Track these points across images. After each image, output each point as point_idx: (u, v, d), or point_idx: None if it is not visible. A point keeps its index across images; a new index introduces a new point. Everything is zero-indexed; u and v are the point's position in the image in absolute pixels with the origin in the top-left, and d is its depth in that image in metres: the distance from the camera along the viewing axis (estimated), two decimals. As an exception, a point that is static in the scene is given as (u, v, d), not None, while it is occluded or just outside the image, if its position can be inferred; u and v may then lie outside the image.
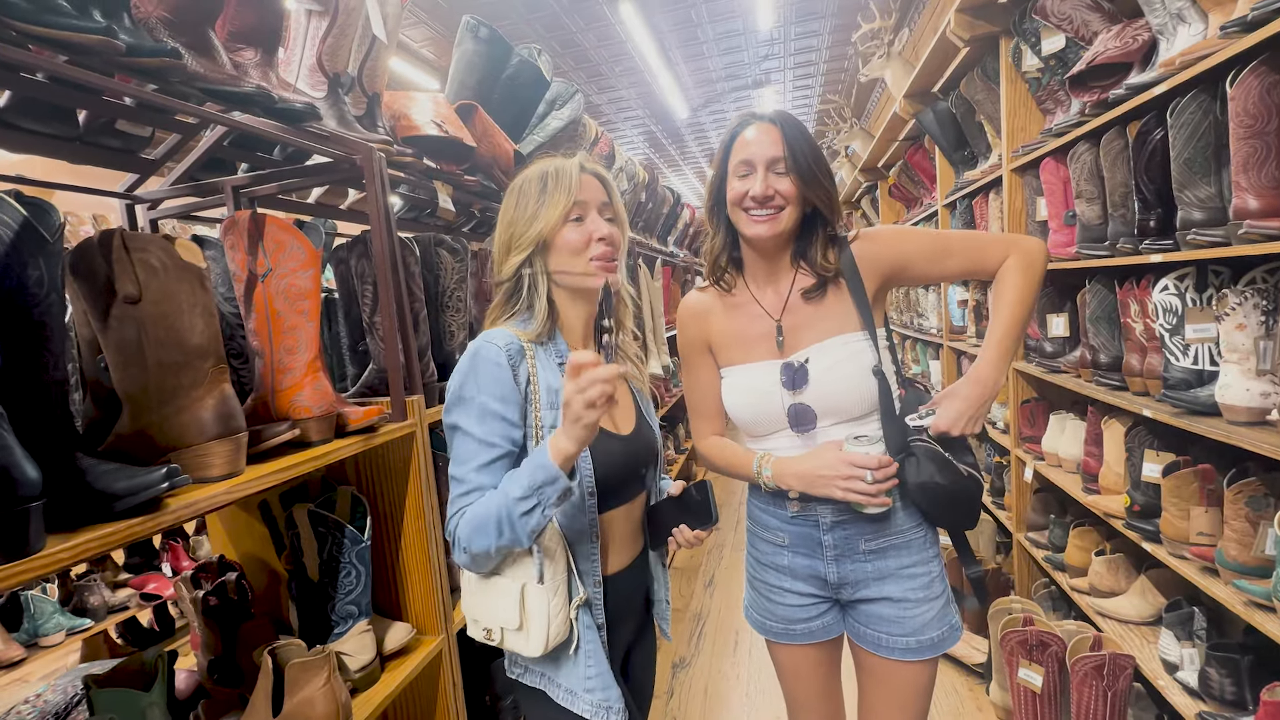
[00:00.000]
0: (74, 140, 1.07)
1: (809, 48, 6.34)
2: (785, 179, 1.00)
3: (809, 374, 1.02)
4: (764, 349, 1.07)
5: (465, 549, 0.85)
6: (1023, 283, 1.03)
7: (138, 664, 0.88)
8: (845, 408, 1.03)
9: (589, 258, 0.92)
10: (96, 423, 0.86)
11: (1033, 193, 2.08)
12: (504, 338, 0.89)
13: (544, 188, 0.92)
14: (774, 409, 1.04)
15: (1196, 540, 1.36)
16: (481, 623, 0.92)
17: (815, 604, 1.11)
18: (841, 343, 1.03)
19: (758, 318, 1.08)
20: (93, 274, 0.76)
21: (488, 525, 0.82)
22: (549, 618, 0.87)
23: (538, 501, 0.81)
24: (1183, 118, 1.28)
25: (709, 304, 1.14)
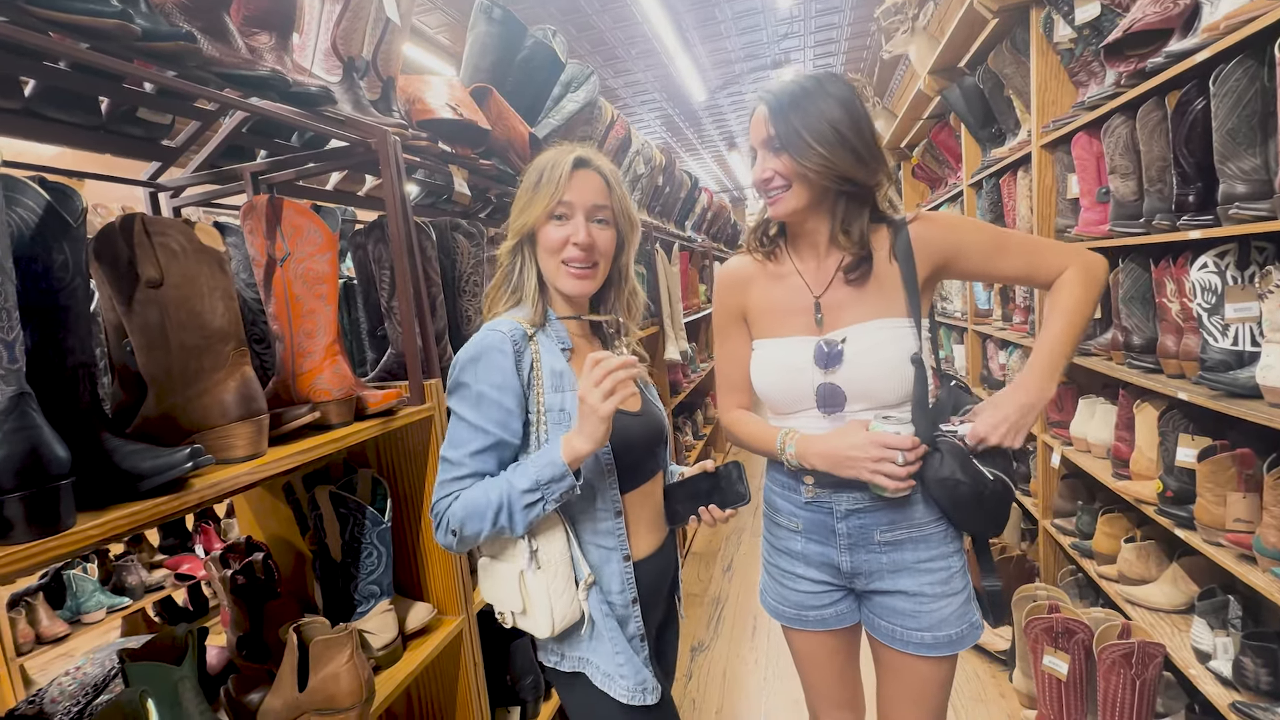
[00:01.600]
0: (98, 129, 1.08)
1: (830, 25, 6.17)
2: (779, 158, 0.97)
3: (844, 354, 0.98)
4: (801, 324, 1.03)
5: (454, 531, 0.86)
6: (1083, 295, 0.97)
7: (169, 639, 0.91)
8: (877, 393, 0.99)
9: (560, 260, 0.93)
10: (125, 406, 0.88)
11: (1064, 169, 2.01)
12: (508, 325, 0.91)
13: (538, 180, 0.92)
14: (803, 386, 1.01)
15: (1233, 527, 1.32)
16: (496, 605, 0.96)
17: (828, 591, 1.09)
18: (882, 326, 0.99)
19: (798, 291, 1.05)
20: (115, 258, 0.78)
21: (485, 512, 0.84)
22: (551, 601, 0.88)
23: (541, 496, 0.83)
24: (1227, 85, 1.22)
25: (750, 273, 1.10)
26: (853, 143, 0.94)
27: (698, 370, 4.26)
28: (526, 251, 0.96)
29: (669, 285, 3.36)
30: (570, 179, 0.91)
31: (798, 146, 0.94)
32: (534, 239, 0.95)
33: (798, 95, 0.95)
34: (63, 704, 0.96)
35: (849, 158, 0.94)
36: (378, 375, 1.32)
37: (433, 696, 1.33)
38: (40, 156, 2.08)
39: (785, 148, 0.95)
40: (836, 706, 1.17)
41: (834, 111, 0.93)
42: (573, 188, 0.91)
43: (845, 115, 0.94)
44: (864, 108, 0.96)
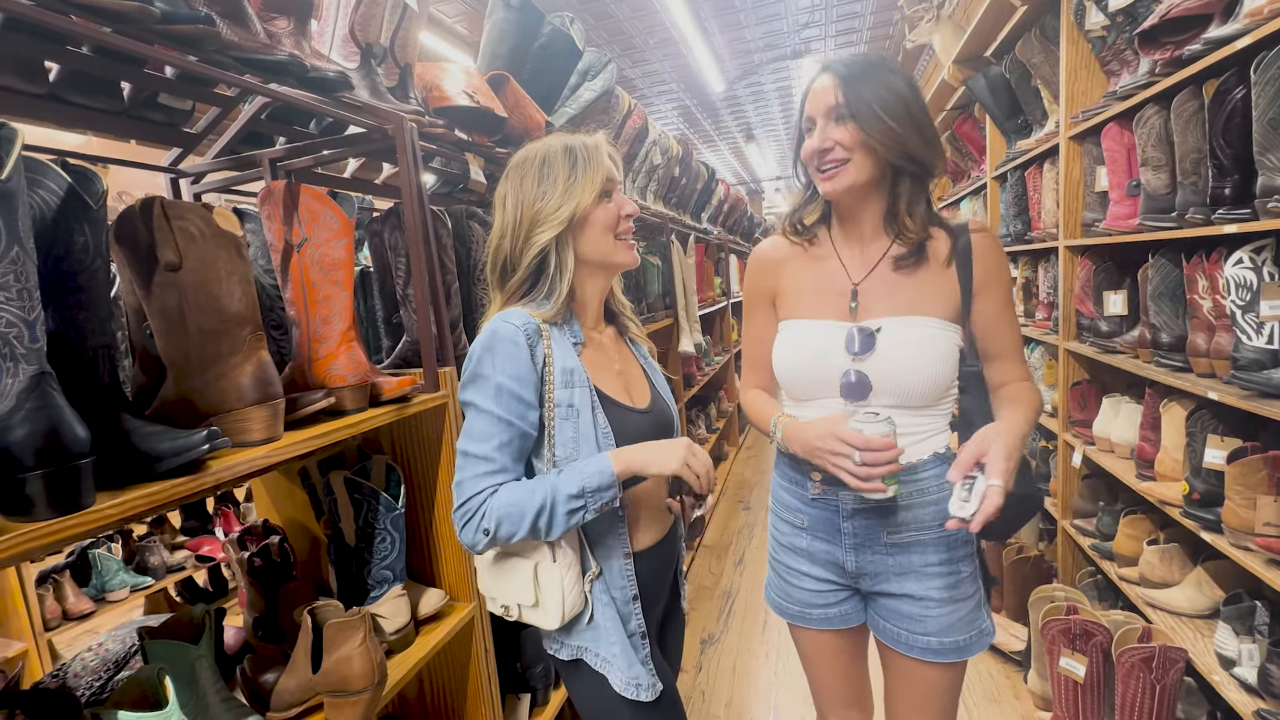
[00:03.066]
0: (120, 115, 1.10)
1: (852, 14, 6.06)
2: (843, 127, 0.92)
3: (877, 343, 0.95)
4: (834, 308, 1.00)
5: (487, 530, 0.83)
6: (1039, 405, 0.99)
7: (188, 619, 0.92)
8: (906, 389, 0.95)
9: (616, 235, 0.94)
10: (145, 388, 0.89)
11: (1092, 161, 1.96)
12: (520, 317, 0.89)
13: (574, 162, 0.90)
14: (829, 372, 0.98)
15: (1263, 531, 1.28)
16: (499, 600, 0.94)
17: (833, 590, 1.07)
18: (926, 324, 0.95)
19: (836, 275, 1.01)
20: (135, 242, 0.78)
21: (525, 513, 0.82)
22: (563, 592, 0.88)
23: (585, 504, 0.83)
24: (1269, 73, 1.17)
25: (785, 254, 1.07)
26: (919, 121, 0.91)
27: (712, 363, 4.24)
28: (567, 242, 0.91)
29: (684, 277, 3.34)
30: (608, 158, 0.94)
31: (867, 115, 0.90)
32: (580, 225, 0.91)
33: (867, 66, 0.93)
34: (85, 678, 0.98)
35: (916, 136, 0.91)
36: (393, 363, 1.33)
37: (444, 682, 1.34)
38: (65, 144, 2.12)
39: (853, 116, 0.91)
40: (843, 705, 1.15)
41: (901, 87, 0.91)
42: (612, 167, 0.94)
43: (911, 93, 0.92)
44: (918, 87, 0.95)
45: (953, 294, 0.97)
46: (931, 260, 0.98)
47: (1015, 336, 1.02)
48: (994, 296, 0.98)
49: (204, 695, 0.85)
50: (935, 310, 0.96)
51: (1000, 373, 1.01)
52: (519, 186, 0.92)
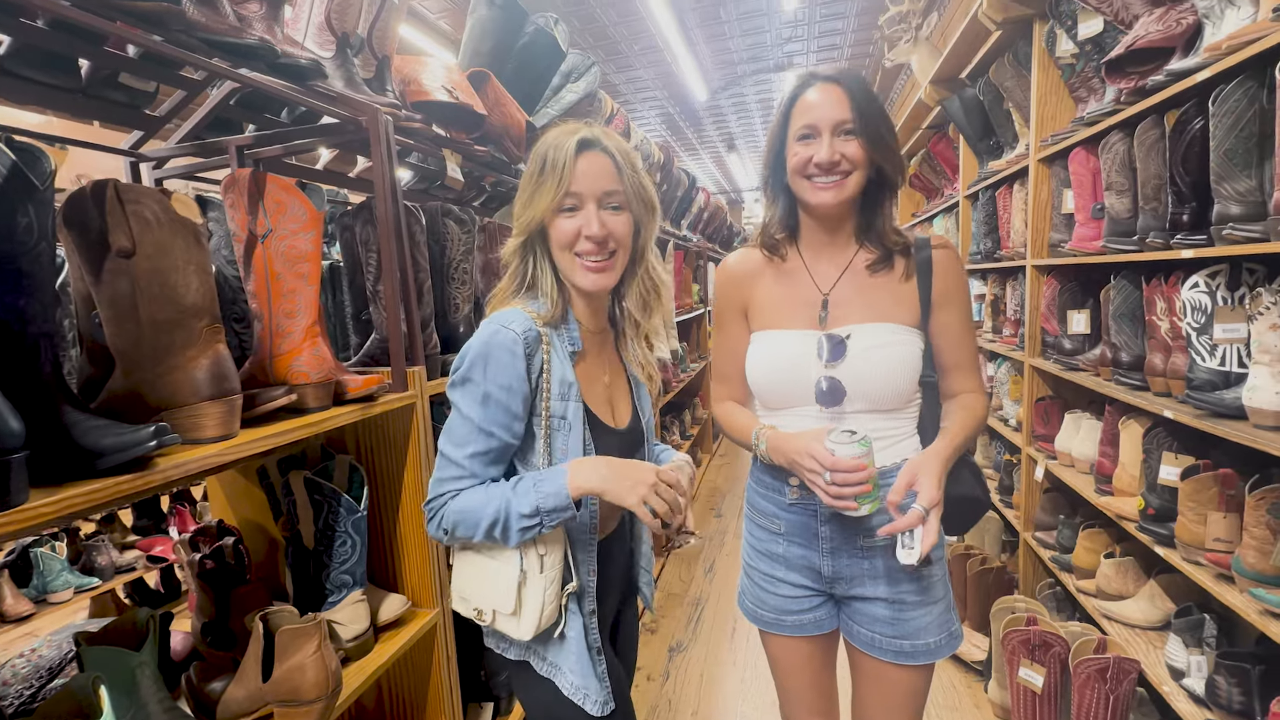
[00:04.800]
0: (76, 92, 1.05)
1: (834, 30, 6.17)
2: (852, 142, 0.94)
3: (848, 349, 0.97)
4: (804, 318, 1.03)
5: (447, 530, 0.85)
6: (982, 417, 1.04)
7: (130, 623, 0.88)
8: (877, 395, 0.98)
9: (575, 254, 0.87)
10: (92, 380, 0.85)
11: (1060, 184, 2.02)
12: (522, 323, 0.85)
13: (540, 168, 0.86)
14: (803, 380, 1.00)
15: (1213, 546, 1.32)
16: (472, 602, 0.91)
17: (809, 596, 1.08)
18: (892, 330, 0.99)
19: (805, 286, 1.04)
20: (85, 226, 0.74)
21: (479, 522, 0.83)
22: (543, 604, 0.86)
23: (540, 523, 0.82)
24: (1226, 105, 1.22)
25: (754, 267, 1.09)
26: (896, 137, 0.99)
27: (687, 370, 4.25)
28: (538, 248, 0.91)
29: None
30: (575, 165, 0.84)
31: (874, 134, 0.94)
32: (544, 234, 0.90)
33: (866, 83, 0.97)
34: (15, 686, 0.92)
35: (899, 152, 0.99)
36: (360, 360, 1.29)
37: (404, 690, 1.30)
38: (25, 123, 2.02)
39: (864, 134, 0.94)
40: (811, 714, 1.15)
41: (883, 105, 0.98)
42: (579, 175, 0.85)
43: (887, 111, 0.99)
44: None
45: (913, 304, 1.01)
46: (895, 270, 1.02)
47: (971, 349, 1.05)
48: (953, 310, 1.02)
49: (144, 705, 0.80)
50: (900, 317, 1.00)
51: (954, 383, 1.05)
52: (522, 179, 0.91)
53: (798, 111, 0.97)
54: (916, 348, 0.99)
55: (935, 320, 1.01)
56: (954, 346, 1.03)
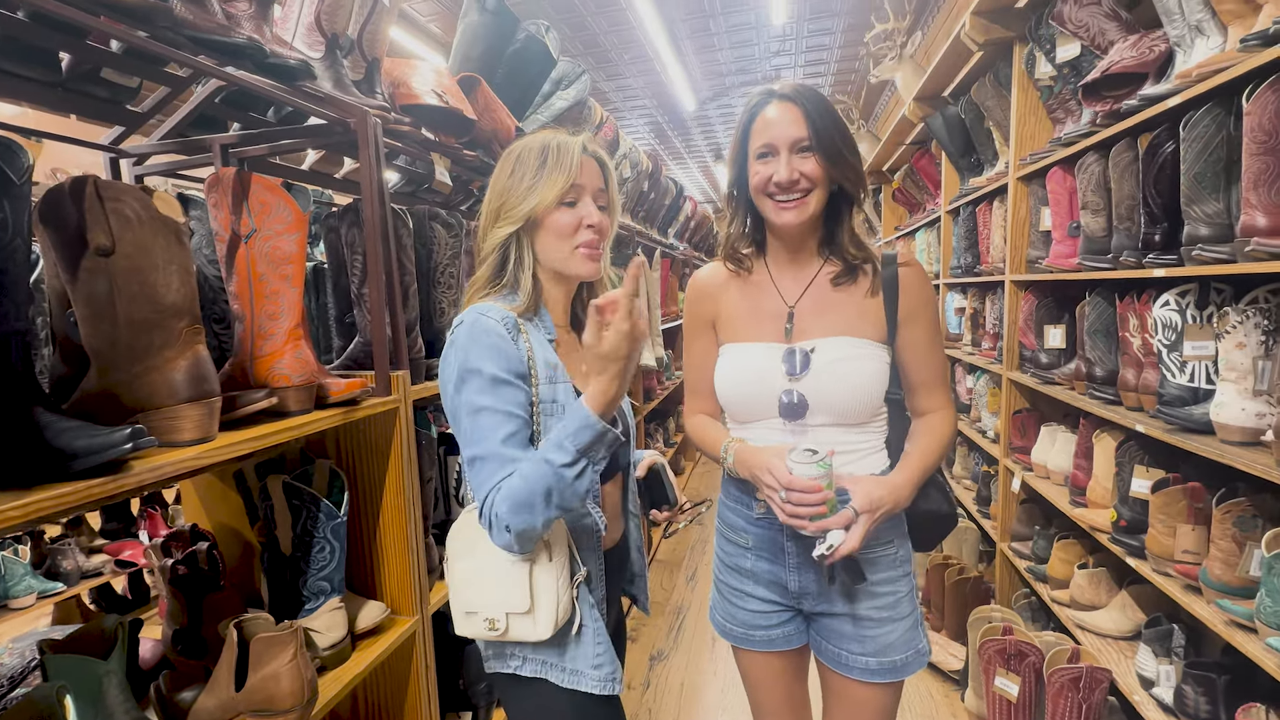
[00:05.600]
0: (56, 87, 1.03)
1: (820, 45, 6.28)
2: (810, 160, 0.94)
3: (811, 363, 0.97)
4: (770, 331, 1.03)
5: (508, 528, 0.78)
6: (950, 436, 1.04)
7: (98, 631, 0.85)
8: (841, 408, 0.98)
9: (575, 244, 0.90)
10: (65, 379, 0.83)
11: (1038, 202, 2.07)
12: (497, 312, 0.87)
13: (543, 163, 0.88)
14: (767, 393, 1.00)
15: (1181, 558, 1.36)
16: (482, 613, 0.87)
17: (777, 612, 1.08)
18: (856, 344, 0.99)
19: (771, 299, 1.04)
20: (63, 222, 0.73)
21: (534, 500, 0.77)
22: (557, 596, 0.85)
23: (587, 462, 0.78)
24: (1195, 131, 1.27)
25: (722, 282, 1.09)
26: (858, 153, 0.98)
27: (672, 377, 4.25)
28: (524, 240, 0.91)
29: (648, 291, 3.36)
30: (581, 163, 0.90)
31: (832, 150, 0.94)
32: (536, 226, 0.90)
33: (822, 99, 0.96)
34: (-26, 696, 0.89)
35: (860, 167, 0.98)
36: (343, 364, 1.28)
37: (380, 699, 1.28)
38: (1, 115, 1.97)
39: (820, 151, 0.94)
40: None
41: (842, 120, 0.97)
42: (583, 172, 0.90)
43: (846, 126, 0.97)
44: None
45: (879, 320, 1.01)
46: (860, 285, 1.02)
47: (938, 366, 1.05)
48: (919, 328, 1.02)
49: (111, 715, 0.78)
50: (865, 332, 1.00)
51: (922, 400, 1.05)
52: (498, 175, 0.92)
53: (756, 129, 0.97)
54: (882, 362, 1.00)
55: (902, 337, 1.01)
56: (921, 364, 1.03)
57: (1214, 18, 1.27)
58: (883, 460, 1.03)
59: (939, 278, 3.11)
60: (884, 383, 1.00)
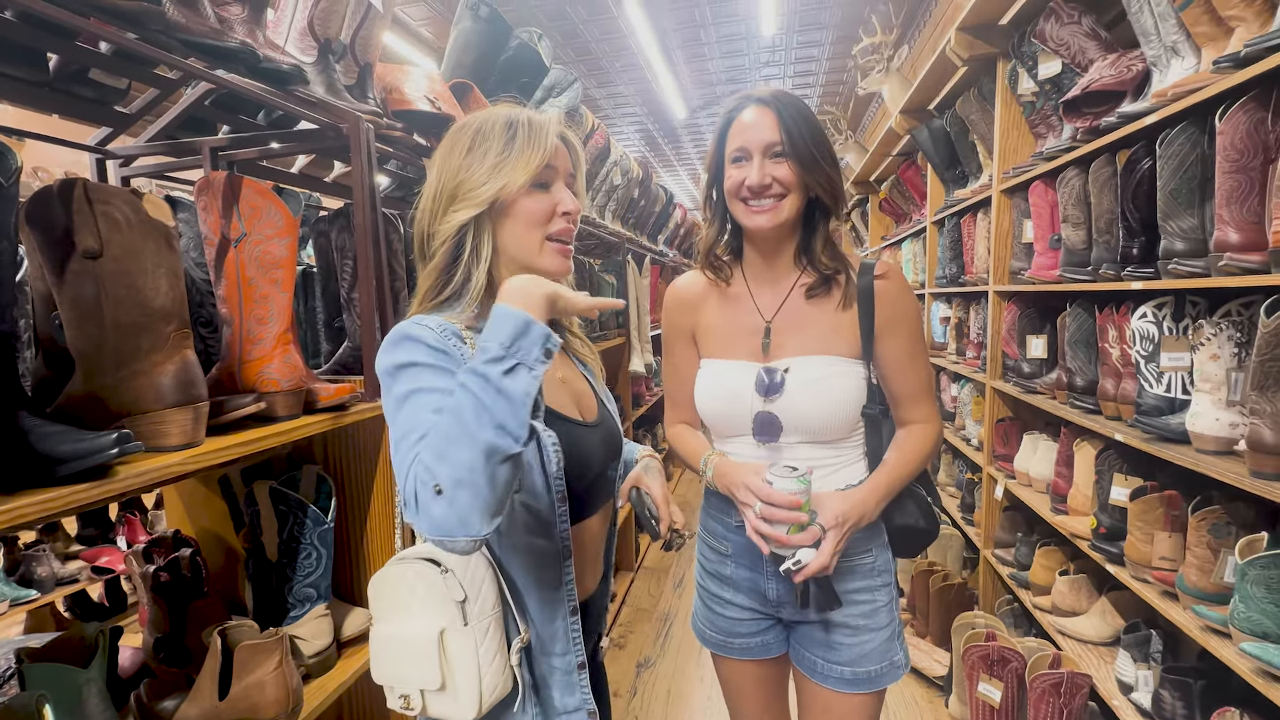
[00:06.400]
0: (43, 86, 1.02)
1: (809, 57, 6.36)
2: (783, 165, 0.93)
3: (785, 384, 0.96)
4: (747, 348, 1.02)
5: (438, 487, 0.58)
6: (928, 449, 1.02)
7: (77, 639, 0.84)
8: (815, 428, 0.98)
9: (547, 234, 0.76)
10: (47, 382, 0.82)
11: (1020, 215, 2.11)
12: (434, 320, 0.72)
13: (512, 137, 0.74)
14: (741, 412, 1.00)
15: (1159, 565, 1.38)
16: (397, 689, 0.73)
17: (756, 620, 1.07)
18: (830, 363, 0.98)
19: (748, 314, 1.03)
20: (50, 224, 0.72)
21: (463, 426, 0.58)
22: (479, 668, 0.69)
23: (517, 361, 0.61)
24: (1171, 149, 1.30)
25: (701, 292, 1.08)
26: (835, 161, 0.97)
27: (661, 384, 4.27)
28: (485, 228, 0.75)
29: (638, 297, 3.37)
30: (556, 144, 0.77)
31: (805, 155, 0.93)
32: (501, 212, 0.75)
33: (798, 104, 0.95)
34: (-53, 706, 0.87)
35: (836, 175, 0.97)
36: (331, 368, 1.27)
37: (366, 707, 1.27)
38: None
39: (793, 156, 0.93)
40: None
41: (820, 127, 0.96)
42: (558, 153, 0.77)
43: (824, 134, 0.96)
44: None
45: (852, 334, 0.99)
46: (836, 297, 1.00)
47: (920, 378, 1.02)
48: (898, 340, 1.00)
49: (90, 725, 0.77)
50: (840, 348, 0.99)
51: (904, 412, 1.03)
52: (448, 154, 0.76)
53: (732, 133, 0.97)
54: (857, 379, 0.98)
55: (880, 350, 1.00)
56: (901, 376, 1.01)
57: (1188, 40, 1.31)
58: (861, 471, 1.02)
59: (924, 287, 3.15)
60: (860, 400, 0.99)
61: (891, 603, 1.03)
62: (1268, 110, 1.11)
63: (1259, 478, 1.09)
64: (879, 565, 1.03)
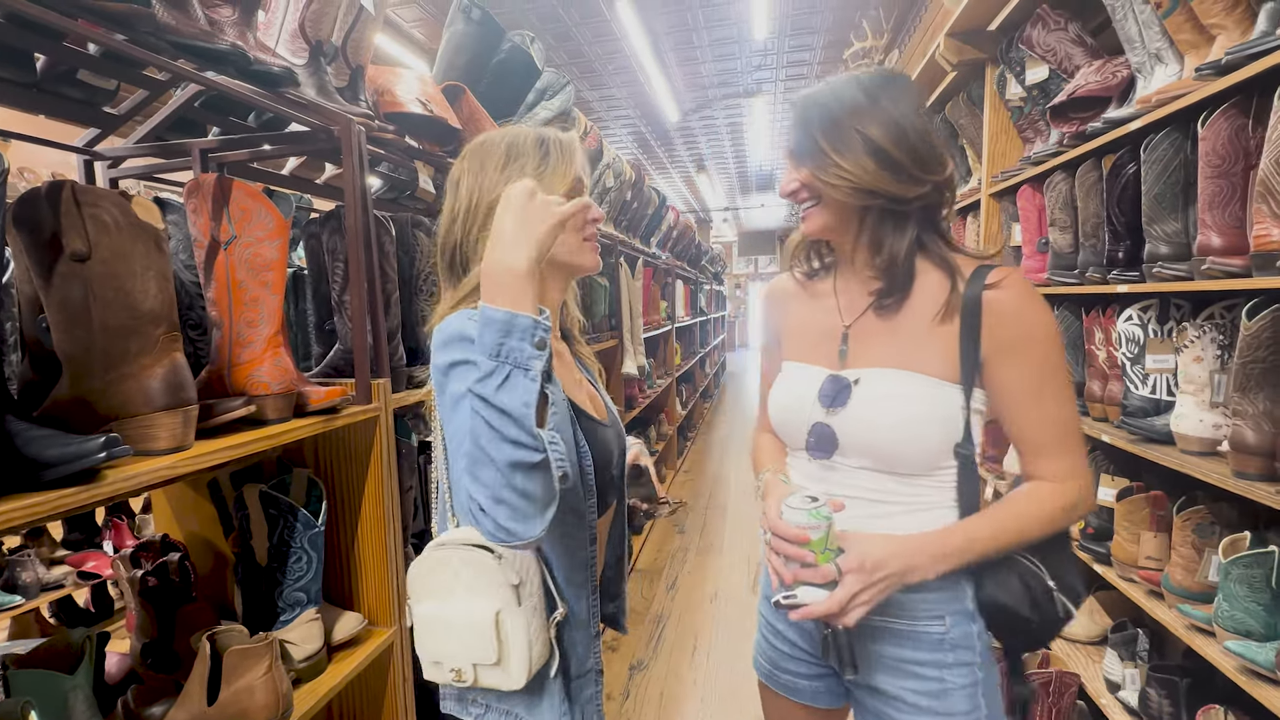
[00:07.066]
0: (30, 87, 1.01)
1: (801, 61, 6.40)
2: (802, 167, 0.84)
3: (851, 396, 0.83)
4: (824, 353, 0.90)
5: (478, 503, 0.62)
6: (1051, 515, 0.80)
7: (63, 644, 0.83)
8: (882, 453, 0.82)
9: (584, 236, 0.83)
10: (33, 385, 0.81)
11: (1009, 218, 2.13)
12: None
13: (546, 154, 0.81)
14: (800, 422, 0.88)
15: (1145, 564, 1.40)
16: (447, 664, 0.78)
17: (806, 661, 0.95)
18: (909, 379, 0.81)
19: (829, 314, 0.91)
20: (37, 227, 0.72)
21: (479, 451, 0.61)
22: (529, 642, 0.75)
23: (510, 367, 0.61)
24: (1155, 154, 1.32)
25: (792, 290, 0.99)
26: (887, 151, 0.77)
27: (654, 386, 4.27)
28: None
29: (631, 300, 3.37)
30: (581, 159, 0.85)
31: (815, 157, 0.81)
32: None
33: (826, 99, 0.82)
34: (-71, 714, 0.86)
35: (878, 168, 0.78)
36: (322, 371, 1.26)
37: (356, 712, 1.26)
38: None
39: (805, 158, 0.83)
40: None
41: (867, 116, 0.78)
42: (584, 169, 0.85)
43: (882, 119, 0.78)
44: (913, 106, 0.80)
45: (949, 352, 0.80)
46: (928, 306, 0.82)
47: (1049, 422, 0.80)
48: (1015, 369, 0.79)
49: (76, 732, 0.76)
50: (928, 366, 0.81)
51: (1028, 465, 0.82)
52: (479, 171, 0.81)
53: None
54: (947, 407, 0.80)
55: (991, 379, 0.80)
56: (1020, 416, 0.80)
57: (1172, 47, 1.33)
58: (940, 518, 0.83)
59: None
60: (948, 432, 0.80)
61: (976, 687, 0.82)
62: (1248, 117, 1.13)
63: (1241, 478, 1.10)
64: (955, 639, 0.82)
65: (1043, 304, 0.80)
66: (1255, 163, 1.12)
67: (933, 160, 0.79)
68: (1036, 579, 0.80)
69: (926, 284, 0.83)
